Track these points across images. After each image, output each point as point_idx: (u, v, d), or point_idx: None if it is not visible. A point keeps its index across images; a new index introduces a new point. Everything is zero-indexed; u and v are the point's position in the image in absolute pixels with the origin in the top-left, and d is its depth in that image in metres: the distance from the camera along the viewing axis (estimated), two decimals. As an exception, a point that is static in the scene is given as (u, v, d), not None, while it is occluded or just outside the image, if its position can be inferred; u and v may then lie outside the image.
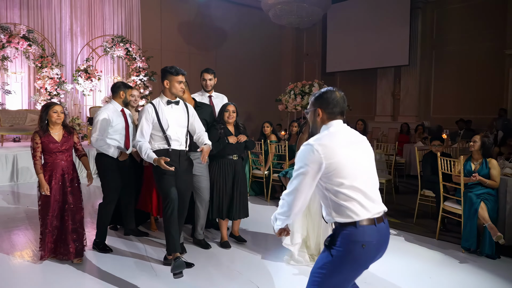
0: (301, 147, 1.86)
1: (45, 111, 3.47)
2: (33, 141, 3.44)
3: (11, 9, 9.41)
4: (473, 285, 3.24)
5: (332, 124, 1.92)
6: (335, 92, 1.97)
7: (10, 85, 9.00)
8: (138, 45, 11.23)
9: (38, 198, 3.50)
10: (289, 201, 1.84)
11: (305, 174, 1.79)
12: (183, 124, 3.39)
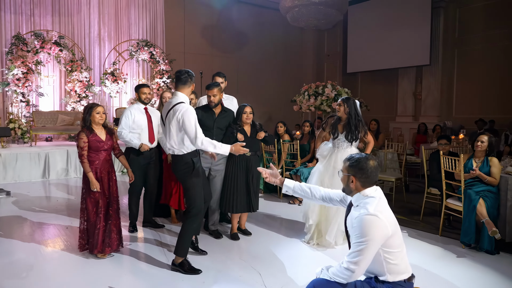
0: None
1: (88, 112, 3.61)
2: (80, 140, 3.53)
3: (44, 16, 10.03)
4: (466, 278, 3.36)
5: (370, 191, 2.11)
6: (370, 160, 2.11)
7: (43, 88, 9.60)
8: (162, 48, 11.69)
9: (83, 195, 3.63)
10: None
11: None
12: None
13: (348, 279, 1.99)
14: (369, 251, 1.94)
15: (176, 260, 3.38)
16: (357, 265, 1.95)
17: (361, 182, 2.10)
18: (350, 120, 4.08)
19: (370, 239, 1.93)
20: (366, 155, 2.16)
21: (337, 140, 4.14)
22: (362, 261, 1.95)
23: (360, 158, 2.13)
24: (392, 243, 1.97)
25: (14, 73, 8.81)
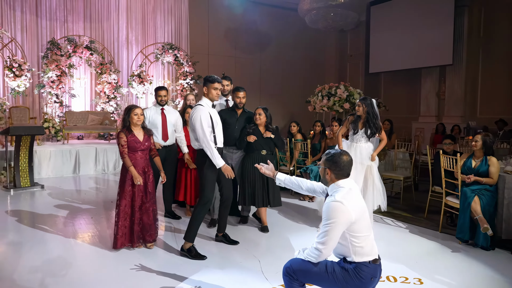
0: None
1: (127, 113, 3.78)
2: (120, 139, 3.71)
3: (76, 22, 10.69)
4: (457, 271, 3.53)
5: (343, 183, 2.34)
6: (343, 155, 2.37)
7: (75, 90, 10.25)
8: (186, 51, 12.16)
9: (119, 192, 3.79)
10: None
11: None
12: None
13: (318, 258, 2.25)
14: (334, 233, 2.19)
15: (185, 246, 3.73)
16: (324, 245, 2.21)
17: (335, 174, 2.36)
18: (368, 118, 4.51)
19: (335, 222, 2.19)
20: (341, 151, 2.41)
21: (356, 135, 4.60)
22: (328, 242, 2.21)
23: (335, 154, 2.39)
24: (357, 228, 2.22)
25: (49, 76, 9.47)
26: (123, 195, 3.78)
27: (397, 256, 3.87)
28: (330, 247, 2.22)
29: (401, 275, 3.38)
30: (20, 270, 3.41)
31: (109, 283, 3.17)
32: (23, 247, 3.99)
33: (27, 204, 5.79)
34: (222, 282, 3.20)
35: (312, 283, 2.33)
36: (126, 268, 3.47)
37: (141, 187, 3.80)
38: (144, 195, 3.84)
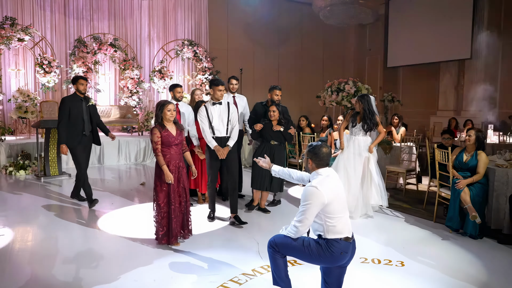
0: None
1: (160, 109, 3.80)
2: (154, 135, 3.74)
3: (101, 20, 11.26)
4: (439, 255, 3.80)
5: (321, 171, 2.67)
6: (323, 148, 2.68)
7: (100, 85, 10.83)
8: (206, 46, 12.57)
9: (155, 187, 3.84)
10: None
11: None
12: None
13: (296, 234, 2.61)
14: (309, 213, 2.54)
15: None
16: (301, 223, 2.57)
17: (315, 163, 2.69)
18: (365, 114, 4.85)
19: (310, 204, 2.53)
20: (321, 144, 2.74)
21: (355, 129, 4.98)
22: (304, 220, 2.55)
23: (316, 146, 2.72)
24: (330, 210, 2.54)
25: (76, 72, 10.07)
26: (160, 191, 3.81)
27: (386, 241, 4.17)
28: (305, 225, 2.56)
29: (386, 258, 3.68)
30: (50, 255, 3.90)
31: (138, 274, 3.61)
32: (52, 231, 4.51)
33: (56, 191, 6.35)
34: (224, 259, 3.58)
35: (291, 255, 2.68)
36: (147, 254, 3.91)
37: (176, 183, 3.83)
38: (180, 191, 3.89)
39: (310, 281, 3.08)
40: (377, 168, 5.04)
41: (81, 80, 5.26)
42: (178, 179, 3.86)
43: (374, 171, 4.93)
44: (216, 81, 4.57)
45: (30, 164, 7.68)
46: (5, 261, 3.54)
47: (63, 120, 5.16)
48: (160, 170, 3.78)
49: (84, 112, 5.26)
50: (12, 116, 8.74)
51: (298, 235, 2.61)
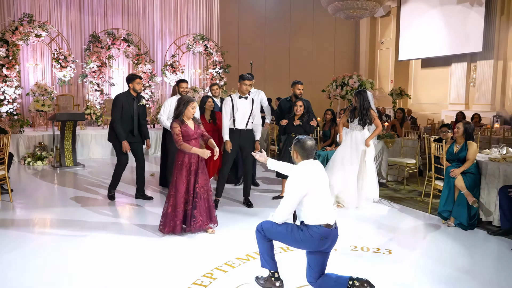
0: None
1: (184, 105, 3.94)
2: (175, 129, 3.91)
3: (115, 16, 11.58)
4: (427, 245, 3.97)
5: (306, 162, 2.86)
6: (308, 140, 2.86)
7: (114, 79, 11.18)
8: (217, 41, 12.79)
9: (173, 181, 3.98)
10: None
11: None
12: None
13: (279, 220, 2.83)
14: (291, 200, 2.75)
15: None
16: (283, 210, 2.79)
17: (300, 155, 2.89)
18: (360, 109, 5.03)
19: (291, 192, 2.75)
20: (307, 137, 2.93)
21: (352, 124, 5.19)
22: (286, 207, 2.78)
23: (302, 139, 2.91)
24: (311, 198, 2.74)
25: (90, 67, 10.44)
26: (179, 184, 3.94)
27: (378, 231, 4.36)
28: (288, 212, 2.78)
29: (375, 246, 3.87)
30: (63, 243, 4.22)
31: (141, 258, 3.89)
32: (66, 216, 4.83)
33: (71, 180, 6.71)
34: (222, 244, 3.83)
35: (276, 239, 2.90)
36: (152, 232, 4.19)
37: (194, 176, 3.98)
38: (200, 183, 4.00)
39: (300, 266, 3.29)
40: (373, 162, 5.19)
41: (138, 79, 5.25)
42: (197, 171, 4.00)
43: (369, 164, 5.09)
44: (242, 76, 4.95)
45: (46, 155, 8.07)
46: (24, 243, 3.86)
47: (118, 117, 5.12)
48: (180, 160, 3.95)
49: (135, 111, 5.25)
50: (30, 109, 9.15)
51: (282, 221, 2.83)
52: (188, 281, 3.10)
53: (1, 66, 9.12)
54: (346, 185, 5.05)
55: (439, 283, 3.16)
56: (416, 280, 3.21)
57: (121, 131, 5.13)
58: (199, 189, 3.99)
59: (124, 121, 5.19)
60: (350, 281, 2.75)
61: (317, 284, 2.92)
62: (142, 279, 3.14)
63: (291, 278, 3.13)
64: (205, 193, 4.05)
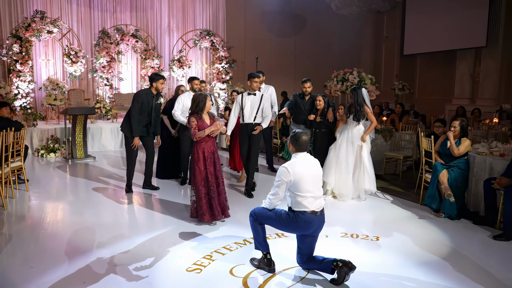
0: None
1: (203, 101, 4.25)
2: (192, 123, 4.22)
3: (124, 12, 11.88)
4: (413, 233, 4.22)
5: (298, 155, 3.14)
6: (303, 136, 3.13)
7: (123, 74, 11.51)
8: (223, 36, 13.03)
9: (194, 171, 4.26)
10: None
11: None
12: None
13: (270, 206, 3.13)
14: (280, 189, 3.05)
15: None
16: (273, 196, 3.09)
17: (295, 148, 3.17)
18: (355, 105, 5.28)
19: (280, 181, 3.04)
20: (303, 132, 3.20)
21: (349, 119, 5.40)
22: (276, 194, 3.07)
23: (297, 133, 3.19)
24: (298, 187, 3.02)
25: (100, 62, 10.77)
26: (198, 175, 4.22)
27: (369, 220, 4.64)
28: (277, 198, 3.08)
29: (364, 233, 4.15)
30: (76, 228, 4.57)
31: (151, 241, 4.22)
32: (79, 205, 5.18)
33: (82, 171, 7.06)
34: (223, 231, 4.13)
35: (267, 223, 3.20)
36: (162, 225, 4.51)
37: (211, 167, 4.26)
38: (215, 173, 4.30)
39: (291, 250, 3.58)
40: (369, 157, 5.41)
41: (162, 79, 5.46)
42: (213, 163, 4.29)
43: (365, 159, 5.32)
44: (252, 74, 5.38)
45: (59, 147, 8.45)
46: (38, 230, 4.21)
47: (137, 112, 5.34)
48: (198, 153, 4.24)
49: (152, 109, 5.45)
50: (43, 103, 9.52)
51: (272, 206, 3.13)
52: (190, 262, 3.42)
53: (15, 61, 9.49)
54: (342, 179, 5.29)
55: (418, 265, 3.43)
56: (397, 262, 3.49)
57: (136, 127, 5.34)
58: (218, 180, 4.32)
59: (142, 116, 5.41)
60: (334, 262, 3.04)
61: (305, 265, 3.22)
62: (147, 260, 3.46)
63: (283, 260, 3.43)
64: (221, 184, 4.37)
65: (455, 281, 3.17)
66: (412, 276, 3.25)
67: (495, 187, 4.18)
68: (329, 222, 4.37)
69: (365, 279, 3.16)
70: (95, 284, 3.03)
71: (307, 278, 3.17)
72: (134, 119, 5.34)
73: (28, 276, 3.17)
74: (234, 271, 3.26)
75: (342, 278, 3.01)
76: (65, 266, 3.34)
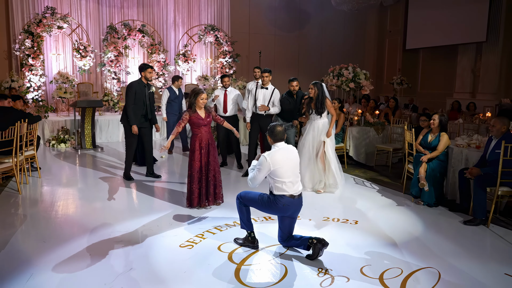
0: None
1: (194, 97, 4.50)
2: (184, 117, 4.56)
3: (131, 8, 12.28)
4: (390, 217, 4.57)
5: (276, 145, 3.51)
6: (277, 127, 3.50)
7: (130, 68, 11.93)
8: (227, 30, 13.37)
9: (190, 162, 4.61)
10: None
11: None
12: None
13: (251, 185, 3.50)
14: (258, 175, 3.43)
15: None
16: (251, 180, 3.49)
17: (272, 139, 3.54)
18: (317, 99, 5.44)
19: (259, 168, 3.42)
20: (277, 124, 3.57)
21: (312, 115, 5.55)
22: (254, 179, 3.46)
23: (273, 125, 3.56)
24: (276, 174, 3.38)
25: (108, 56, 11.20)
26: (194, 164, 4.58)
27: (350, 206, 5.00)
28: (255, 183, 3.47)
29: (344, 218, 4.52)
30: (84, 210, 5.01)
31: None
32: (87, 191, 5.63)
33: (90, 161, 7.52)
34: (215, 213, 4.53)
35: (251, 205, 3.59)
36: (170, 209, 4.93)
37: (206, 158, 4.59)
38: (210, 164, 4.63)
39: (275, 231, 3.96)
40: (333, 152, 5.56)
41: (150, 69, 5.79)
42: (208, 153, 4.62)
43: (329, 154, 5.49)
44: (264, 70, 6.14)
45: (69, 138, 8.92)
46: (50, 212, 4.66)
47: (131, 102, 5.70)
48: (194, 143, 4.58)
49: (146, 97, 5.81)
50: (53, 96, 9.99)
51: (252, 186, 3.51)
52: (183, 239, 3.83)
53: (27, 56, 9.96)
54: (307, 169, 5.50)
55: (390, 245, 3.80)
56: (371, 242, 3.86)
57: (132, 116, 5.74)
58: (210, 170, 4.64)
59: (137, 106, 5.78)
60: (310, 240, 3.42)
61: (285, 243, 3.62)
62: (145, 238, 3.87)
63: (267, 239, 3.82)
64: (214, 173, 4.68)
65: (421, 258, 3.52)
66: (383, 254, 3.61)
67: (467, 176, 4.50)
68: (313, 207, 4.79)
69: (338, 256, 3.53)
70: (100, 257, 3.45)
71: (286, 254, 3.56)
72: (130, 108, 5.73)
73: (41, 250, 3.60)
74: (222, 247, 3.66)
75: (317, 254, 3.39)
76: (74, 242, 3.78)
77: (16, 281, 3.03)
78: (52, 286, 2.99)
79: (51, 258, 3.44)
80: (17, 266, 3.27)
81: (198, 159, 4.59)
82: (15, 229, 4.09)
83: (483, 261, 3.51)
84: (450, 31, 13.33)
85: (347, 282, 3.09)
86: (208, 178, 4.67)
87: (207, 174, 4.66)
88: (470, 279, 3.19)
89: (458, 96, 13.73)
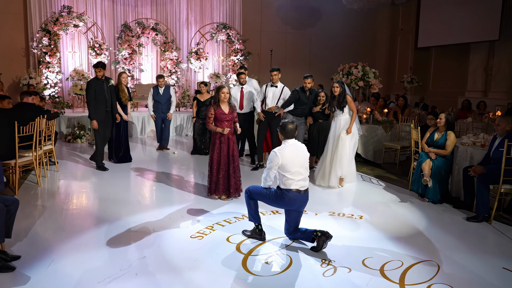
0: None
1: (217, 91, 4.81)
2: (208, 112, 4.80)
3: (144, 6, 12.51)
4: (395, 213, 4.69)
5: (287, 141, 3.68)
6: (289, 125, 3.66)
7: (143, 65, 12.18)
8: (239, 29, 13.52)
9: (210, 155, 4.88)
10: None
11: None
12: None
13: (264, 184, 3.68)
14: (271, 170, 3.59)
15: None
16: (266, 177, 3.65)
17: (283, 136, 3.71)
18: (339, 95, 5.68)
19: (271, 163, 3.58)
20: (289, 121, 3.72)
21: (336, 111, 5.80)
22: (268, 174, 3.62)
23: (284, 123, 3.71)
24: (285, 168, 3.55)
25: (122, 54, 11.45)
26: (214, 157, 4.83)
27: (357, 202, 5.14)
28: (269, 178, 3.64)
29: (350, 213, 4.66)
30: (98, 202, 5.24)
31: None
32: (101, 184, 5.86)
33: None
34: (227, 207, 4.71)
35: (258, 199, 3.76)
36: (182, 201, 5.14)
37: (226, 151, 4.83)
38: (230, 157, 4.85)
39: (282, 224, 4.13)
40: (350, 148, 5.70)
41: (96, 69, 6.32)
42: (228, 148, 4.83)
43: (344, 149, 5.63)
44: (272, 69, 6.55)
45: (84, 134, 9.19)
46: (67, 203, 4.89)
47: (92, 98, 6.26)
48: (214, 138, 4.83)
49: (106, 92, 6.37)
50: (69, 92, 10.27)
51: (265, 185, 3.70)
52: (194, 231, 4.02)
53: (44, 53, 10.26)
54: (325, 164, 5.74)
55: (392, 239, 3.93)
56: (374, 236, 3.99)
57: (92, 112, 6.31)
58: (230, 164, 4.86)
59: (99, 101, 6.31)
60: (315, 233, 3.57)
61: (291, 235, 3.77)
62: (157, 228, 4.07)
63: (274, 232, 3.99)
64: (234, 169, 4.90)
65: (422, 251, 3.64)
66: (385, 247, 3.74)
67: (471, 174, 4.59)
68: (320, 202, 4.94)
69: (342, 248, 3.68)
70: (115, 245, 3.66)
71: (292, 245, 3.72)
72: (91, 104, 6.31)
73: (61, 238, 3.83)
74: (230, 239, 3.84)
75: (321, 246, 3.54)
76: (90, 232, 4.00)
77: (38, 266, 3.25)
78: (71, 271, 3.20)
79: (70, 246, 3.66)
80: (39, 253, 3.49)
81: (218, 152, 4.82)
82: (35, 219, 4.33)
83: (483, 256, 3.62)
84: (462, 29, 13.26)
85: (349, 273, 3.23)
86: (229, 171, 4.87)
87: (226, 167, 4.86)
88: (468, 272, 3.31)
89: (470, 94, 13.65)
